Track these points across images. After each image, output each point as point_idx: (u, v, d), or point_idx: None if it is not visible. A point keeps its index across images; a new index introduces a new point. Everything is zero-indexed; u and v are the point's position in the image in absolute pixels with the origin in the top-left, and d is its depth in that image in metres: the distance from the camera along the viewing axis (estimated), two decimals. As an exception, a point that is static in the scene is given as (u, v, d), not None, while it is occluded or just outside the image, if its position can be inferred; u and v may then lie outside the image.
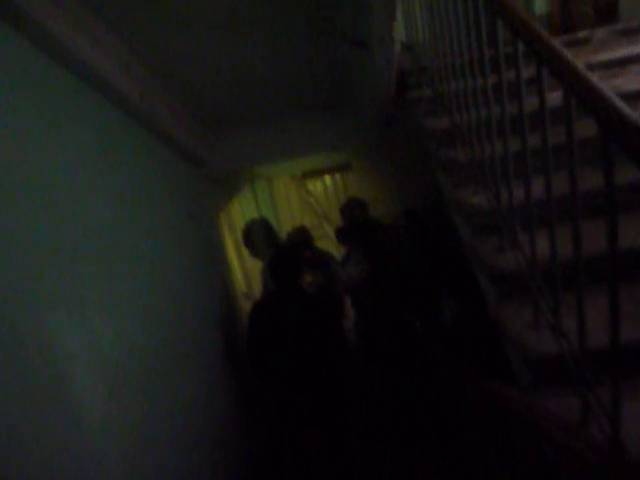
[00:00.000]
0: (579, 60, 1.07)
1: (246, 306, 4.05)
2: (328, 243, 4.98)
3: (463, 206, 2.06)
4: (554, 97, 1.34)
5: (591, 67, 2.63)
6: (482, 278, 1.87)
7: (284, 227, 5.61)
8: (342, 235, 4.03)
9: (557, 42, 1.16)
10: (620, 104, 0.93)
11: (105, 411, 1.82)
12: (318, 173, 5.37)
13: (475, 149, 2.03)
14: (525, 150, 1.46)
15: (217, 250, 3.61)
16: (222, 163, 3.48)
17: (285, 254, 3.07)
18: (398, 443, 3.51)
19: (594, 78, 0.99)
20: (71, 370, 1.67)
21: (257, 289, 4.50)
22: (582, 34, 3.22)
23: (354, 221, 3.82)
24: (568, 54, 1.08)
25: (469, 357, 2.31)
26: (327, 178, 5.71)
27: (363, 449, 3.51)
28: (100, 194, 2.05)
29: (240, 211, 4.78)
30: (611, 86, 2.41)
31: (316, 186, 5.76)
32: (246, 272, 4.62)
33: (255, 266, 4.24)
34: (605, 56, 2.76)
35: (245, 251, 4.21)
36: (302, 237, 3.89)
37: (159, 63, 2.39)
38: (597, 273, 1.29)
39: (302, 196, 5.66)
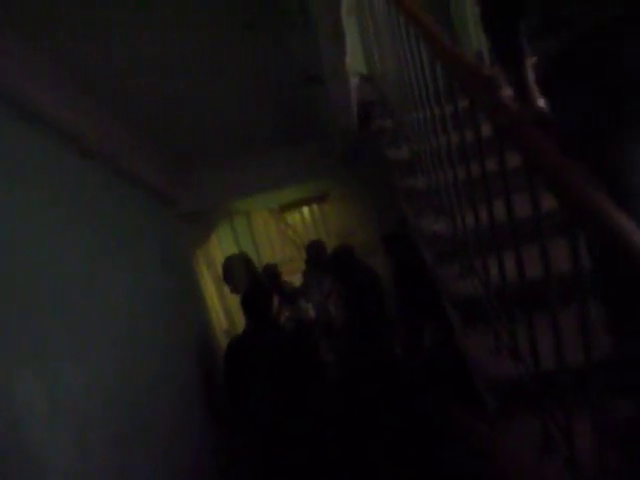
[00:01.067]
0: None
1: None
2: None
3: (425, 234, 2.07)
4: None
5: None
6: (447, 304, 1.87)
7: (265, 261, 5.60)
8: (322, 265, 4.03)
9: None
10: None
11: (69, 464, 1.76)
12: (296, 205, 5.41)
13: (432, 177, 2.05)
14: (470, 178, 1.48)
15: (192, 289, 3.58)
16: (195, 202, 3.50)
17: (256, 289, 3.06)
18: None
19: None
20: (30, 421, 1.62)
21: (240, 325, 4.46)
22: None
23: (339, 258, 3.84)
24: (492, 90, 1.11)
25: (445, 384, 2.28)
26: (305, 210, 5.76)
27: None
28: (63, 243, 2.04)
29: (219, 247, 4.77)
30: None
31: (295, 218, 5.80)
32: (227, 308, 4.58)
33: (237, 302, 4.21)
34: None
35: (226, 287, 4.19)
36: (271, 273, 3.90)
37: (119, 104, 2.41)
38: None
39: (281, 229, 5.69)
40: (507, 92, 1.35)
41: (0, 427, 1.46)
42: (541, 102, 1.32)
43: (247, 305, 2.97)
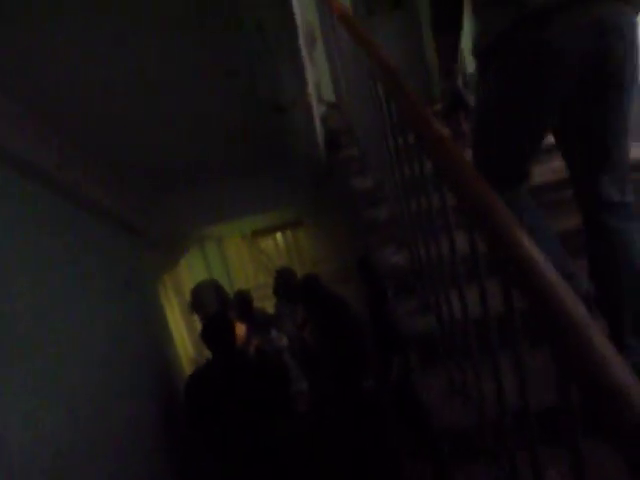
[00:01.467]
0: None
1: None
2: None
3: (385, 265, 2.02)
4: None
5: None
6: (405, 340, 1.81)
7: (237, 287, 5.50)
8: (292, 294, 3.95)
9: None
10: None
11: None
12: (269, 231, 5.36)
13: (394, 208, 2.02)
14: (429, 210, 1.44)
15: (155, 317, 3.47)
16: (160, 228, 3.42)
17: (216, 319, 2.96)
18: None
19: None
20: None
21: (208, 354, 4.32)
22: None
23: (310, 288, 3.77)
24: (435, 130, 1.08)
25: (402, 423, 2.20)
26: (278, 236, 5.70)
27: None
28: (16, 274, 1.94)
29: (189, 273, 4.67)
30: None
31: (268, 244, 5.73)
32: (195, 337, 4.45)
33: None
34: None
35: (195, 315, 4.07)
36: (242, 299, 3.80)
37: (75, 131, 2.34)
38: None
39: (254, 255, 5.61)
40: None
41: None
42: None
43: (207, 336, 2.86)
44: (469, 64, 2.91)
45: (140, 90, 2.18)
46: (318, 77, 2.98)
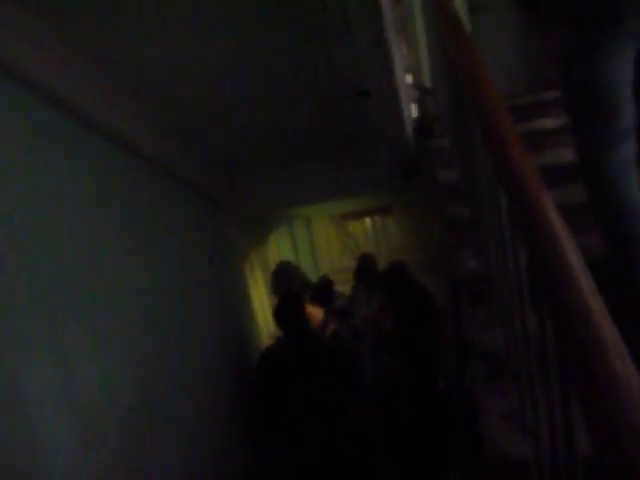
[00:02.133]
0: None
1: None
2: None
3: (461, 268, 1.89)
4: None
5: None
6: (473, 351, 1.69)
7: (322, 268, 5.53)
8: (371, 279, 3.90)
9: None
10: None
11: (77, 462, 1.79)
12: (358, 215, 5.29)
13: (477, 207, 1.87)
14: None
15: (236, 293, 3.60)
16: (248, 207, 3.51)
17: (287, 300, 2.98)
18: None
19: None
20: (40, 416, 1.65)
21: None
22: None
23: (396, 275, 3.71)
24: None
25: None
26: (367, 220, 5.62)
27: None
28: (97, 239, 2.10)
29: (277, 251, 4.78)
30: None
31: (356, 228, 5.68)
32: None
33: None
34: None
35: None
36: (324, 284, 3.80)
37: (170, 110, 2.45)
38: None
39: (341, 237, 5.59)
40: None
41: (11, 424, 1.50)
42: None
43: (278, 315, 2.91)
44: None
45: (229, 73, 2.22)
46: (411, 62, 2.84)
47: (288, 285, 3.79)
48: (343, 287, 4.61)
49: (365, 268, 3.91)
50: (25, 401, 1.59)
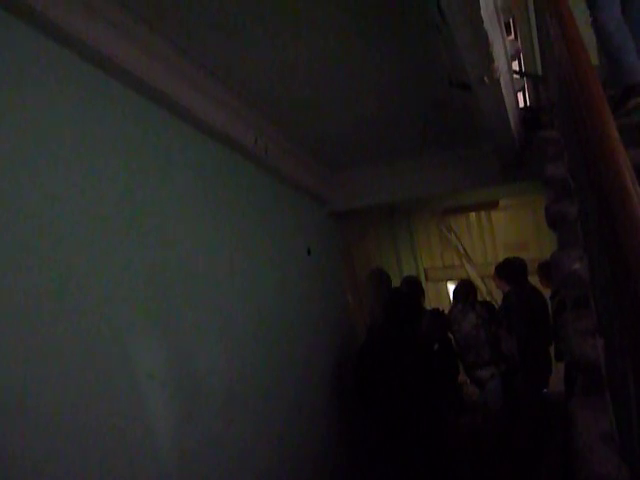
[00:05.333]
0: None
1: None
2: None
3: (562, 271, 1.75)
4: None
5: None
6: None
7: (423, 263, 5.41)
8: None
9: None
10: None
11: (179, 431, 1.96)
12: (460, 210, 5.08)
13: (583, 205, 1.71)
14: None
15: (333, 286, 3.66)
16: (345, 201, 3.54)
17: (405, 298, 3.03)
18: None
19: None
20: (150, 389, 1.84)
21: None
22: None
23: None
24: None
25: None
26: (472, 216, 5.36)
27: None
28: (210, 229, 2.28)
29: (376, 244, 4.77)
30: None
31: (459, 223, 5.44)
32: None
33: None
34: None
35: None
36: (412, 287, 3.77)
37: (273, 110, 2.55)
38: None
39: (442, 233, 5.41)
40: None
41: (123, 394, 1.69)
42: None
43: (394, 312, 2.96)
44: None
45: (332, 72, 2.27)
46: (522, 47, 2.66)
47: (376, 290, 3.87)
48: (439, 286, 4.51)
49: (466, 294, 3.83)
50: (136, 374, 1.78)
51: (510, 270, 3.71)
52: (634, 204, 0.72)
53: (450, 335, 3.83)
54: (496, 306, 4.13)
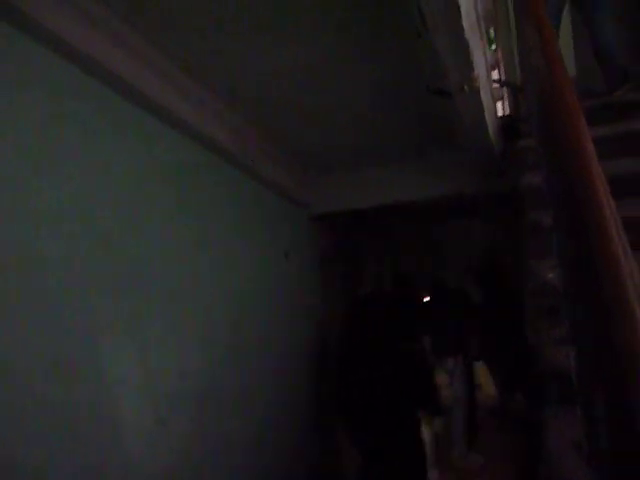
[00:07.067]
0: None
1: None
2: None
3: (535, 280, 1.77)
4: None
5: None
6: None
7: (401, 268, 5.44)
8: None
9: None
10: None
11: (151, 436, 1.93)
12: (440, 216, 5.11)
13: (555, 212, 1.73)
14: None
15: (314, 289, 3.64)
16: (325, 205, 3.53)
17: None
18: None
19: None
20: (121, 395, 1.80)
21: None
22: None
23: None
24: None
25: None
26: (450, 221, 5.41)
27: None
28: (184, 230, 2.24)
29: (358, 251, 4.76)
30: None
31: (438, 228, 5.47)
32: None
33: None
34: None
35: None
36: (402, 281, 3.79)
37: (252, 112, 2.53)
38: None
39: (423, 239, 5.43)
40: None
41: (95, 402, 1.65)
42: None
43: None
44: None
45: (313, 77, 2.28)
46: (502, 56, 2.69)
47: None
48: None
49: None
50: (108, 380, 1.74)
51: (485, 274, 3.81)
52: (608, 224, 0.73)
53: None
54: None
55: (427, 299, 4.61)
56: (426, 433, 3.26)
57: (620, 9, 2.61)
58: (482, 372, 4.64)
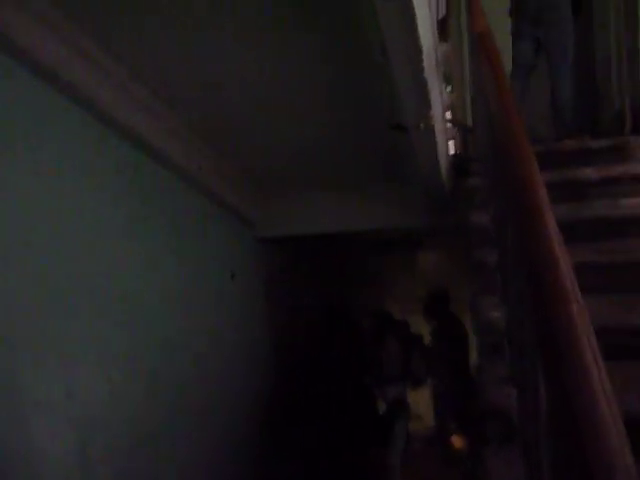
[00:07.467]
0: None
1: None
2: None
3: (479, 318, 1.80)
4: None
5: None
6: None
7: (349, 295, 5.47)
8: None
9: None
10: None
11: (70, 469, 1.78)
12: (387, 245, 5.20)
13: (504, 257, 1.78)
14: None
15: (259, 312, 3.57)
16: (274, 227, 3.50)
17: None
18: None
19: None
20: (37, 419, 1.64)
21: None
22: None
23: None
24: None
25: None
26: (396, 252, 5.51)
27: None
28: (124, 244, 2.13)
29: (305, 276, 4.73)
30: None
31: (384, 258, 5.57)
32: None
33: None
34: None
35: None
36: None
37: (207, 129, 2.48)
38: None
39: (369, 267, 5.51)
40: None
41: (8, 425, 1.50)
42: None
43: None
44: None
45: (267, 96, 2.25)
46: (454, 99, 2.80)
47: None
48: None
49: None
50: (23, 402, 1.59)
51: (434, 305, 3.88)
52: (560, 269, 0.74)
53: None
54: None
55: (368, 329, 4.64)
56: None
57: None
58: (422, 402, 4.69)
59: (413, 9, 1.38)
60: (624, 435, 0.54)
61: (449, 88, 2.63)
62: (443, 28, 2.65)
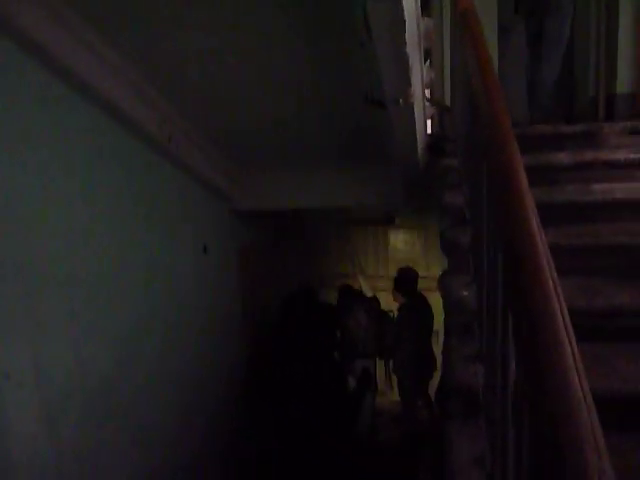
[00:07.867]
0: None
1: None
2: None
3: (450, 297, 1.82)
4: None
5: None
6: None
7: (319, 270, 5.49)
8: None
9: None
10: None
11: (39, 440, 1.75)
12: (359, 222, 5.23)
13: (477, 237, 1.80)
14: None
15: (231, 285, 3.55)
16: (249, 201, 3.45)
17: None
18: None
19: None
20: (4, 389, 1.62)
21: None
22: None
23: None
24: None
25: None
26: (368, 229, 5.54)
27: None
28: (92, 214, 2.07)
29: (277, 250, 4.72)
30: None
31: (356, 235, 5.59)
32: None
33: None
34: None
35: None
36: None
37: (183, 101, 2.42)
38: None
39: (340, 243, 5.54)
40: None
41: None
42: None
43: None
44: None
45: (247, 73, 2.25)
46: (433, 77, 2.78)
47: None
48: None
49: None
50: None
51: (404, 283, 3.91)
52: (537, 247, 0.74)
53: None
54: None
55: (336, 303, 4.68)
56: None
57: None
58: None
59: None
60: (594, 411, 0.55)
61: (428, 62, 2.60)
62: (427, 2, 2.59)
